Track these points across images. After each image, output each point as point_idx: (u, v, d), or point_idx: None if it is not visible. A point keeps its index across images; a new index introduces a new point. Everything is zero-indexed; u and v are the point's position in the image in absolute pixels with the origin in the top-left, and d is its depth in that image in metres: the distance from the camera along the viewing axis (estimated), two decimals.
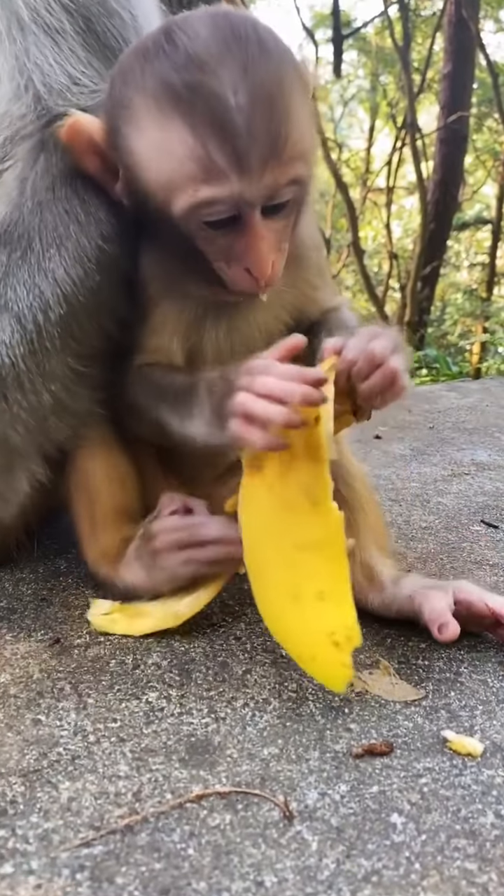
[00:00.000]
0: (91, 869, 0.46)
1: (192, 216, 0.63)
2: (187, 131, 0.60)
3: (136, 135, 0.63)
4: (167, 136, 0.61)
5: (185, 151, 0.60)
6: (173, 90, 0.60)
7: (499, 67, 7.64)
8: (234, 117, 0.59)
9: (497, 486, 1.20)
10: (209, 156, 0.60)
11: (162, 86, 0.61)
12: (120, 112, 0.64)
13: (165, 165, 0.62)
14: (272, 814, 0.51)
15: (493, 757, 0.56)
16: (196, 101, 0.59)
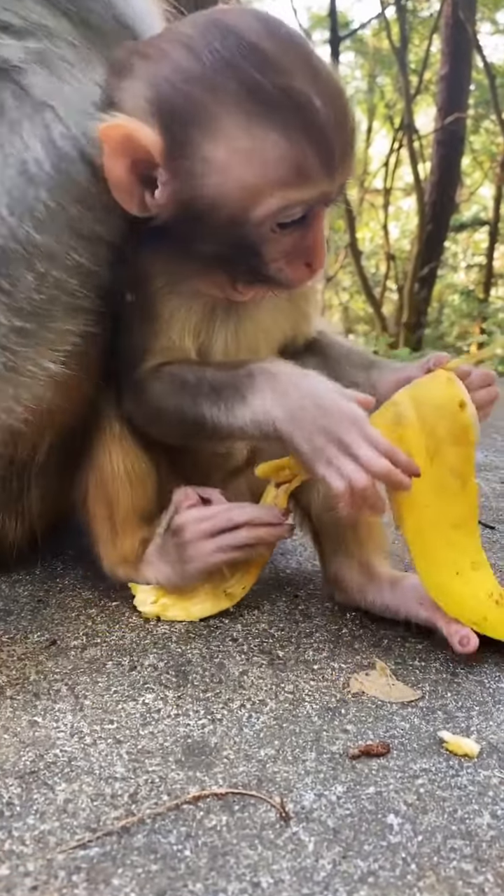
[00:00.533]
0: (87, 871, 0.46)
1: (272, 219, 0.63)
2: (282, 136, 0.60)
3: (215, 141, 0.61)
4: (257, 141, 0.60)
5: (279, 157, 0.60)
6: (263, 94, 0.59)
7: (496, 69, 7.65)
8: (323, 120, 0.60)
9: (493, 487, 1.20)
10: (305, 160, 0.60)
11: (247, 90, 0.59)
12: (186, 116, 0.61)
13: (253, 172, 0.61)
14: (269, 815, 0.50)
15: (489, 757, 0.56)
16: (288, 106, 0.59)
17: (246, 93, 0.59)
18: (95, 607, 0.79)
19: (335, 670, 0.67)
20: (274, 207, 0.62)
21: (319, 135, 0.61)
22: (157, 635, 0.73)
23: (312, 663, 0.68)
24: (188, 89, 0.61)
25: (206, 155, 0.61)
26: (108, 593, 0.81)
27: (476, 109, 8.55)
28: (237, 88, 0.59)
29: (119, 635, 0.73)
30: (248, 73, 0.59)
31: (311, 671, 0.67)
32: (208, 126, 0.61)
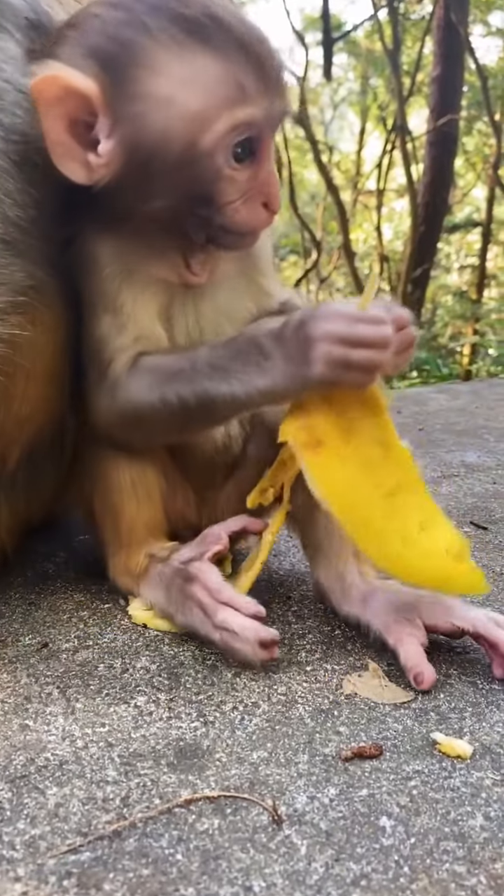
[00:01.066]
0: (78, 875, 0.46)
1: (224, 146, 0.63)
2: (218, 58, 0.61)
3: (153, 75, 0.61)
4: (195, 67, 0.61)
5: (219, 78, 0.61)
6: (192, 23, 0.61)
7: (488, 71, 7.67)
8: (252, 40, 0.62)
9: (486, 488, 1.20)
10: (244, 78, 0.62)
11: (177, 21, 0.61)
12: (122, 57, 0.61)
13: (196, 97, 0.61)
14: (261, 818, 0.50)
15: (482, 759, 0.56)
16: (217, 31, 0.61)
17: (176, 24, 0.61)
18: (87, 610, 0.78)
19: (328, 672, 0.67)
20: (222, 130, 0.62)
21: (252, 54, 0.62)
22: (149, 638, 0.73)
23: (305, 665, 0.68)
24: (119, 33, 0.61)
25: (146, 91, 0.61)
26: (99, 596, 0.81)
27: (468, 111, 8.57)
28: (167, 23, 0.61)
29: (111, 638, 0.73)
30: (174, 9, 0.61)
31: (303, 673, 0.67)
32: (144, 61, 0.61)
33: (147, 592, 0.76)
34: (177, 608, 0.72)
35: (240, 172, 0.65)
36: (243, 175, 0.65)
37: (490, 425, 1.64)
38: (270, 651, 0.65)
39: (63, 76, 0.61)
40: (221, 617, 0.67)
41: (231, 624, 0.66)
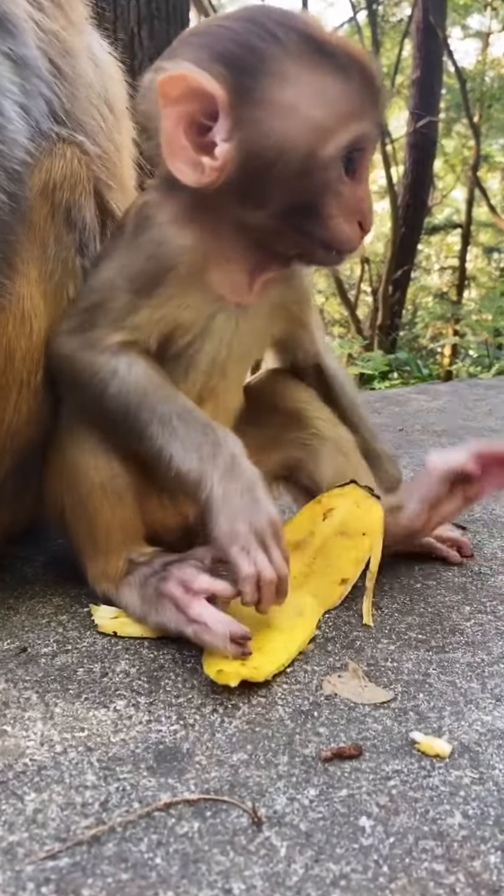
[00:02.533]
0: (57, 882, 0.45)
1: (340, 157, 0.66)
2: (340, 75, 0.65)
3: (281, 84, 0.64)
4: (322, 80, 0.65)
5: (342, 92, 0.65)
6: (319, 41, 0.65)
7: (466, 73, 7.74)
8: (367, 64, 0.68)
9: None
10: (360, 96, 0.66)
11: (306, 37, 0.65)
12: (250, 63, 0.64)
13: (321, 108, 0.65)
14: (241, 820, 0.50)
15: (461, 758, 0.57)
16: (339, 50, 0.66)
17: (305, 40, 0.65)
18: (66, 613, 0.78)
19: (308, 673, 0.67)
20: (342, 142, 0.66)
21: (366, 74, 0.67)
22: (128, 641, 0.72)
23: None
24: (249, 40, 0.65)
25: (271, 98, 0.64)
26: (78, 600, 0.80)
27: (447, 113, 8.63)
28: (296, 37, 0.65)
29: (90, 642, 0.72)
30: (301, 27, 0.66)
31: (283, 674, 0.67)
32: (272, 69, 0.64)
33: (123, 596, 0.75)
34: (150, 607, 0.72)
35: (347, 187, 0.68)
36: (348, 190, 0.68)
37: (469, 425, 1.65)
38: (242, 646, 0.65)
39: (191, 75, 0.63)
40: (196, 610, 0.67)
41: (205, 616, 0.66)
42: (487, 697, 0.64)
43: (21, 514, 0.82)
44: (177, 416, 0.69)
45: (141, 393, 0.70)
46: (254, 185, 0.67)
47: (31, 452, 0.77)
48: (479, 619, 0.78)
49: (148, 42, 2.84)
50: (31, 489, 0.79)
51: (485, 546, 0.97)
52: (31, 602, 0.80)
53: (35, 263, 0.72)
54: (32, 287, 0.72)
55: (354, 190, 0.69)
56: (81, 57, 0.77)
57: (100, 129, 0.79)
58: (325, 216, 0.68)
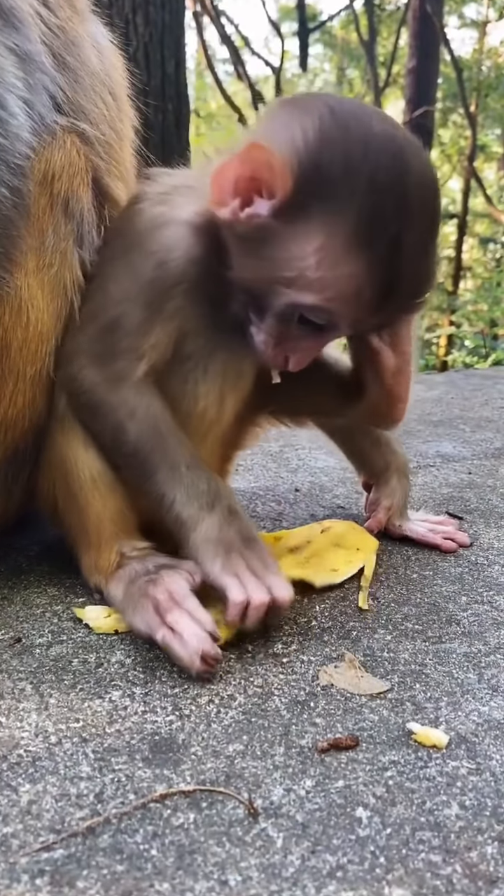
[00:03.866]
0: (51, 873, 0.45)
1: (300, 309, 0.66)
2: (368, 266, 0.64)
3: (322, 228, 0.63)
4: (351, 255, 0.63)
5: (353, 276, 0.64)
6: (384, 229, 0.63)
7: (463, 63, 7.70)
8: (403, 282, 0.66)
9: (462, 478, 1.20)
10: (367, 292, 0.65)
11: (378, 217, 0.63)
12: (320, 195, 0.63)
13: (326, 270, 0.64)
14: (237, 811, 0.50)
15: (457, 748, 0.56)
16: (392, 253, 0.64)
17: (375, 225, 0.63)
18: (61, 604, 0.77)
19: (304, 663, 0.67)
20: (309, 303, 0.66)
21: (394, 287, 0.65)
22: (123, 632, 0.72)
23: (281, 656, 0.68)
24: (337, 181, 0.63)
25: (307, 231, 0.64)
26: (73, 590, 0.80)
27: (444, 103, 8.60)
28: (372, 216, 0.63)
29: (85, 632, 0.72)
30: (388, 211, 0.63)
31: (279, 664, 0.67)
32: (328, 221, 0.63)
33: (111, 589, 0.74)
34: (129, 604, 0.71)
35: (294, 330, 0.68)
36: (294, 333, 0.69)
37: (466, 416, 1.65)
38: (209, 666, 0.63)
39: (279, 161, 0.63)
40: (174, 617, 0.66)
41: (181, 626, 0.65)
42: (484, 688, 0.64)
43: (13, 506, 0.81)
44: (185, 465, 0.71)
45: (156, 437, 0.71)
46: (243, 252, 0.67)
47: (25, 444, 0.76)
48: (475, 610, 0.77)
49: (143, 29, 2.82)
50: (23, 481, 0.79)
51: (481, 536, 0.96)
52: (25, 592, 0.80)
53: (33, 254, 0.71)
54: (30, 277, 0.71)
55: (301, 337, 0.69)
56: (85, 45, 0.76)
57: (102, 117, 0.78)
58: (262, 328, 0.69)
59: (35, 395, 0.74)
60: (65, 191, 0.71)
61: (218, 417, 0.78)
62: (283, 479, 1.20)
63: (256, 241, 0.66)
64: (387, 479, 0.93)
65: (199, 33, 8.15)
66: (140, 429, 0.71)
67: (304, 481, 1.18)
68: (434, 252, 0.68)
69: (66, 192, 0.71)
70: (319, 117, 0.64)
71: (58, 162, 0.71)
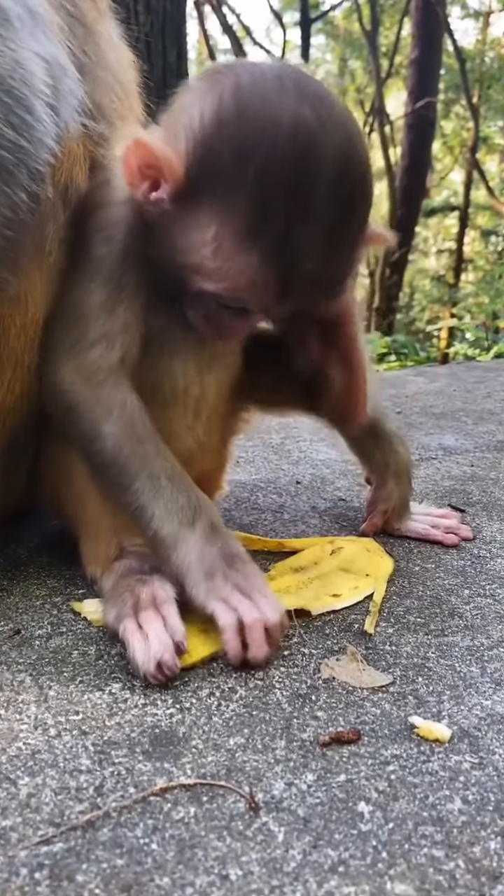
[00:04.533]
0: (50, 867, 0.45)
1: (211, 295, 0.66)
2: (263, 258, 0.61)
3: (216, 217, 0.62)
4: (244, 246, 0.62)
5: (248, 266, 0.62)
6: (276, 220, 0.60)
7: (466, 53, 7.66)
8: (302, 270, 0.62)
9: (464, 471, 1.20)
10: (266, 282, 0.63)
11: (269, 207, 0.60)
12: (212, 183, 0.61)
13: (222, 260, 0.63)
14: (238, 805, 0.49)
15: (460, 742, 0.56)
16: (286, 245, 0.61)
17: (259, 213, 0.60)
18: (61, 596, 0.77)
19: (305, 656, 0.66)
20: (214, 290, 0.65)
21: (296, 278, 0.63)
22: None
23: (283, 649, 0.67)
24: (228, 168, 0.60)
25: (201, 221, 0.63)
26: (73, 581, 0.79)
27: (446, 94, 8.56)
28: (263, 205, 0.60)
29: (85, 624, 0.71)
30: (274, 195, 0.60)
31: (280, 657, 0.66)
32: (220, 209, 0.61)
33: (104, 580, 0.73)
34: (112, 596, 0.70)
35: (217, 310, 0.67)
36: (220, 313, 0.68)
37: (468, 408, 1.64)
38: (160, 675, 0.61)
39: (166, 156, 0.62)
40: (146, 616, 0.65)
41: (150, 626, 0.64)
42: (487, 682, 0.63)
43: (13, 494, 0.81)
44: (166, 476, 0.68)
45: (134, 442, 0.68)
46: (157, 233, 0.66)
47: (24, 431, 0.76)
48: (478, 603, 0.77)
49: (144, 17, 2.80)
50: (24, 469, 0.78)
51: (484, 529, 0.96)
52: (25, 584, 0.79)
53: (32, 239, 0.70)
54: (28, 262, 0.70)
55: (224, 317, 0.68)
56: (103, 42, 0.77)
57: (114, 112, 0.78)
58: (190, 305, 0.69)
59: (33, 383, 0.73)
60: (64, 179, 0.71)
61: (203, 393, 0.77)
62: (284, 472, 1.19)
63: (165, 225, 0.65)
64: (384, 481, 0.92)
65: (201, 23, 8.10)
66: (117, 432, 0.68)
67: (305, 473, 1.18)
68: (349, 240, 0.64)
69: (65, 180, 0.71)
70: (220, 97, 0.61)
71: (58, 150, 0.70)
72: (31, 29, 0.65)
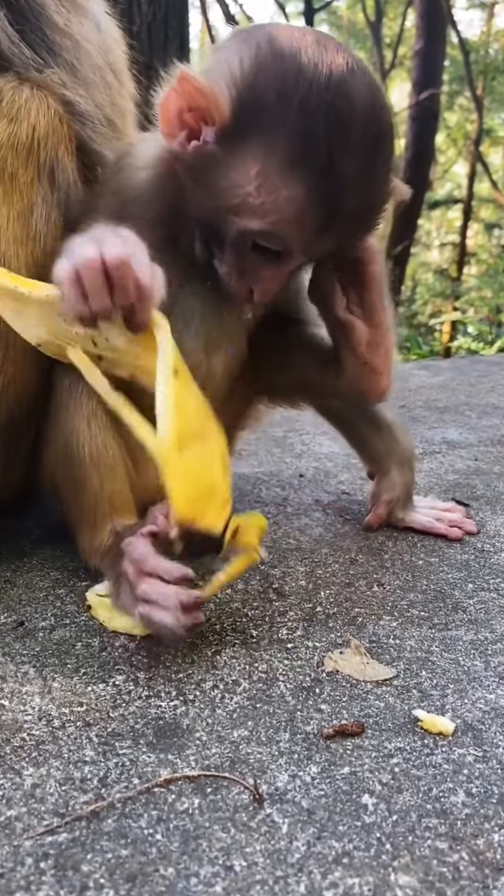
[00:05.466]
0: (55, 857, 0.45)
1: (251, 235, 0.67)
2: (306, 186, 0.64)
3: (260, 151, 0.64)
4: (288, 176, 0.64)
5: (293, 198, 0.64)
6: (317, 149, 0.63)
7: (470, 45, 7.61)
8: (345, 202, 0.65)
9: (468, 465, 1.20)
10: (309, 213, 0.65)
11: (311, 137, 0.63)
12: (256, 119, 0.64)
13: (267, 193, 0.64)
14: (242, 797, 0.50)
15: (464, 735, 0.56)
16: (328, 172, 0.63)
17: (308, 146, 0.63)
18: (64, 587, 0.77)
19: (309, 649, 0.66)
20: (257, 229, 0.66)
21: (336, 209, 0.65)
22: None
23: (286, 642, 0.68)
24: (271, 105, 0.63)
25: (246, 156, 0.64)
26: (76, 573, 0.79)
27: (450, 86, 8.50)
28: (305, 136, 0.63)
29: (88, 616, 0.71)
30: (320, 131, 0.62)
31: (284, 650, 0.66)
32: (264, 144, 0.64)
33: (106, 571, 0.73)
34: (114, 586, 0.69)
35: (254, 257, 0.68)
36: (255, 260, 0.68)
37: (472, 402, 1.64)
38: (193, 615, 0.61)
39: (212, 91, 0.64)
40: (142, 588, 0.64)
41: (151, 594, 0.63)
42: (491, 675, 0.63)
43: (13, 479, 0.80)
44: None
45: None
46: (197, 187, 0.68)
47: (20, 413, 0.76)
48: (482, 597, 0.77)
49: (147, 8, 2.78)
50: (22, 453, 0.78)
51: (488, 523, 0.96)
52: (28, 575, 0.80)
53: (20, 223, 0.71)
54: (18, 246, 0.71)
55: (260, 266, 0.69)
56: (86, 22, 0.76)
57: (105, 96, 0.77)
58: (224, 259, 0.69)
59: (25, 365, 0.73)
60: (50, 160, 0.72)
61: (210, 374, 0.77)
62: (287, 465, 1.19)
63: (204, 170, 0.67)
64: (387, 471, 0.92)
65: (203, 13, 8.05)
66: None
67: (308, 467, 1.18)
68: (382, 175, 0.67)
69: (51, 160, 0.72)
70: (257, 45, 0.65)
71: (42, 129, 0.71)
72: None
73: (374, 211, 0.69)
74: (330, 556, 0.85)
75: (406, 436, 0.93)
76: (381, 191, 0.68)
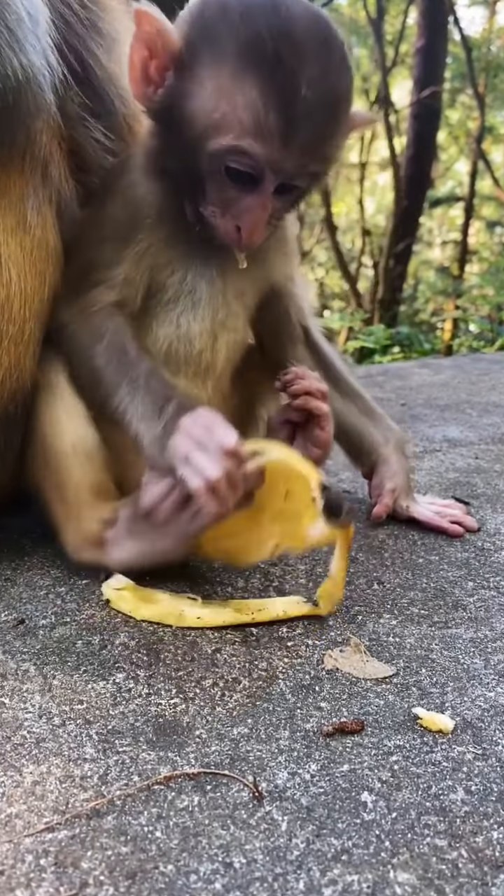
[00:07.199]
0: (55, 854, 0.45)
1: (222, 158, 0.67)
2: (259, 88, 0.64)
3: (212, 68, 0.66)
4: (241, 82, 0.65)
5: (248, 106, 0.65)
6: (263, 49, 0.64)
7: (472, 42, 7.59)
8: (301, 102, 0.65)
9: (468, 463, 1.19)
10: (268, 117, 0.65)
11: (255, 40, 0.64)
12: (205, 40, 0.67)
13: (224, 107, 0.66)
14: (241, 794, 0.50)
15: (463, 733, 0.56)
16: (278, 71, 0.64)
17: (253, 42, 0.65)
18: (64, 585, 0.77)
19: (309, 647, 0.67)
20: (224, 145, 0.67)
21: (291, 111, 0.65)
22: (128, 613, 0.71)
23: (286, 640, 0.68)
24: (215, 16, 0.67)
25: (201, 74, 0.67)
26: (77, 571, 0.79)
27: (452, 83, 8.48)
28: (248, 35, 0.65)
29: (89, 614, 0.71)
30: (264, 29, 0.64)
31: (284, 648, 0.66)
32: (213, 52, 0.66)
33: (120, 555, 0.74)
34: (164, 540, 0.72)
35: (229, 188, 0.69)
36: (231, 192, 0.69)
37: (473, 400, 1.64)
38: (233, 457, 0.64)
39: (160, 24, 0.67)
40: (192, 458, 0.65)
41: (194, 458, 0.65)
42: (490, 673, 0.64)
43: (6, 474, 0.80)
44: (144, 379, 0.71)
45: (121, 355, 0.72)
46: (169, 136, 0.71)
47: (14, 407, 0.76)
48: (482, 595, 0.77)
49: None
50: (16, 447, 0.78)
51: (488, 521, 0.96)
52: (29, 574, 0.80)
53: (12, 213, 0.71)
54: (9, 235, 0.71)
55: (240, 197, 0.69)
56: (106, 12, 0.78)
57: (106, 75, 0.79)
58: (207, 198, 0.71)
59: (20, 356, 0.74)
60: (44, 154, 0.72)
61: (213, 358, 0.79)
62: None
63: (172, 109, 0.69)
64: (386, 458, 0.93)
65: None
66: (107, 349, 0.72)
67: None
68: (333, 78, 0.67)
69: (45, 155, 0.72)
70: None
71: (38, 124, 0.71)
72: None
73: (333, 121, 0.69)
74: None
75: (394, 424, 0.96)
76: (336, 95, 0.68)
